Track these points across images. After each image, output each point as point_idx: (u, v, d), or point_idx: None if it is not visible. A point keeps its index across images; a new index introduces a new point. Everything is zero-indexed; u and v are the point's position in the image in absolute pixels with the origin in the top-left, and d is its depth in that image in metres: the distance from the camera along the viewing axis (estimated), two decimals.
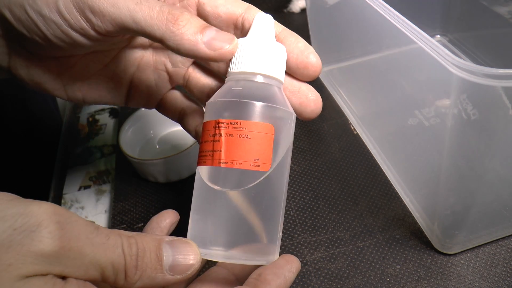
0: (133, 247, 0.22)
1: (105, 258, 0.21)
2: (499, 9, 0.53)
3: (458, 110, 0.28)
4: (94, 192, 0.52)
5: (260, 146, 0.25)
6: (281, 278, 0.25)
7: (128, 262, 0.22)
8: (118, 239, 0.22)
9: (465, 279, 0.36)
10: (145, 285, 0.22)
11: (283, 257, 0.26)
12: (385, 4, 0.35)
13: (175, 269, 0.23)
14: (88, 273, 0.21)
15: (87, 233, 0.21)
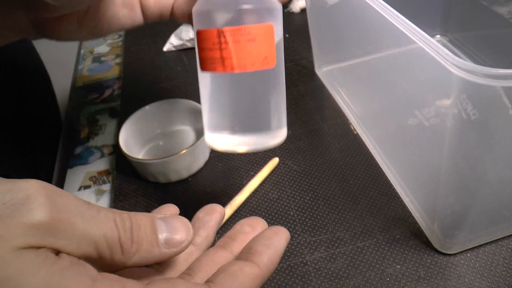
0: (126, 221, 0.22)
1: (97, 231, 0.21)
2: (499, 9, 0.53)
3: (458, 110, 0.28)
4: (94, 192, 0.52)
5: (265, 46, 0.28)
6: (272, 248, 0.24)
7: (122, 235, 0.22)
8: (110, 213, 0.22)
9: (465, 279, 0.36)
10: (142, 259, 0.22)
11: (271, 228, 0.26)
12: (385, 4, 0.35)
13: (170, 243, 0.23)
14: (81, 247, 0.21)
15: (77, 206, 0.21)
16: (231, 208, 0.44)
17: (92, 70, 0.75)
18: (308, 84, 0.61)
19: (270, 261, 0.24)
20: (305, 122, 0.55)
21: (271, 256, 0.24)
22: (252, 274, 0.23)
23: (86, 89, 0.71)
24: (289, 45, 0.71)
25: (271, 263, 0.24)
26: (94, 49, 0.82)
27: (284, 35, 0.73)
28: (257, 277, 0.23)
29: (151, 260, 0.23)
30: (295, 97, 0.59)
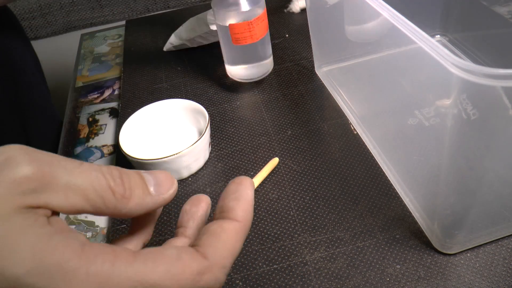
0: (113, 170, 0.22)
1: (82, 180, 0.21)
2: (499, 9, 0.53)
3: (458, 110, 0.28)
4: None
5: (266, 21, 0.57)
6: (241, 199, 0.25)
7: (112, 181, 0.22)
8: (93, 166, 0.22)
9: (465, 279, 0.36)
10: (137, 206, 0.23)
11: (233, 182, 0.26)
12: (385, 4, 0.35)
13: (159, 190, 0.24)
14: (69, 199, 0.20)
15: (59, 161, 0.21)
16: None
17: (92, 70, 0.75)
18: (308, 84, 0.61)
19: (244, 212, 0.24)
20: (305, 122, 0.55)
21: (243, 207, 0.25)
22: (233, 229, 0.24)
23: (86, 89, 0.71)
24: (289, 45, 0.71)
25: (247, 214, 0.24)
26: (94, 49, 0.82)
27: (284, 35, 0.73)
28: (238, 230, 0.24)
29: (145, 207, 0.23)
30: (295, 97, 0.59)
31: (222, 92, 0.62)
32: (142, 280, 0.20)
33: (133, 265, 0.20)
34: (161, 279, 0.20)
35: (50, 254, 0.19)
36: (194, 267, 0.21)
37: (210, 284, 0.22)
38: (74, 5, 1.04)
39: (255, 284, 0.38)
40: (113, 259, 0.20)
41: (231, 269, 0.39)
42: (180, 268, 0.21)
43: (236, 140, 0.54)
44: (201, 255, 0.22)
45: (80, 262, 0.19)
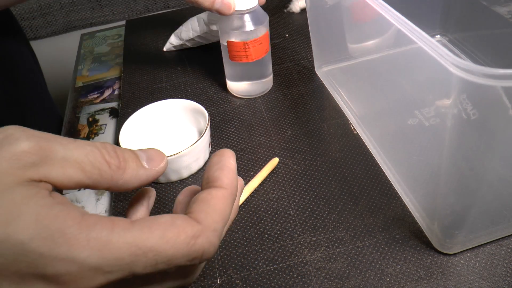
0: (106, 144, 0.24)
1: (78, 154, 0.22)
2: (499, 9, 0.53)
3: (458, 110, 0.28)
4: (94, 192, 0.52)
5: (266, 45, 0.57)
6: (225, 169, 0.26)
7: (106, 154, 0.23)
8: (87, 141, 0.23)
9: (465, 279, 0.36)
10: (132, 177, 0.24)
11: (215, 154, 0.27)
12: (385, 4, 0.35)
13: (151, 162, 0.25)
14: (67, 172, 0.21)
15: (55, 137, 0.22)
16: None
17: (92, 70, 0.75)
18: (308, 84, 0.61)
19: (229, 180, 0.26)
20: (305, 122, 0.55)
21: (228, 175, 0.26)
22: (221, 195, 0.25)
23: (86, 89, 0.71)
24: (289, 45, 0.71)
25: (231, 181, 0.26)
26: (94, 49, 0.82)
27: (284, 35, 0.74)
28: (226, 196, 0.25)
29: (140, 179, 0.24)
30: (295, 97, 0.59)
31: (222, 92, 0.62)
32: (139, 245, 0.21)
33: (131, 231, 0.21)
34: (158, 243, 0.21)
35: (52, 221, 0.20)
36: (188, 231, 0.22)
37: (205, 246, 0.23)
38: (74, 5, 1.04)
39: (255, 284, 0.38)
40: (111, 226, 0.21)
41: (232, 269, 0.39)
42: (175, 232, 0.22)
43: (236, 140, 0.54)
44: (194, 220, 0.23)
45: (81, 229, 0.20)
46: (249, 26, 0.53)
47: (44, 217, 0.20)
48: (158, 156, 0.26)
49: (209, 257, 0.23)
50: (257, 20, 0.54)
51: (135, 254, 0.21)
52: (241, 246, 0.41)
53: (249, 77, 0.59)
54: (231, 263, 0.40)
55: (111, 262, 0.20)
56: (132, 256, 0.21)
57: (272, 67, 0.62)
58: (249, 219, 0.44)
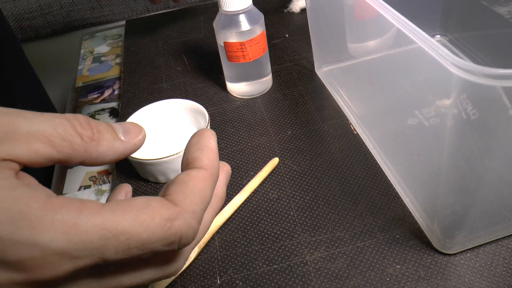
0: (79, 116, 0.22)
1: (44, 126, 0.20)
2: (499, 9, 0.53)
3: (458, 110, 0.28)
4: (94, 192, 0.52)
5: (263, 44, 0.57)
6: (205, 148, 0.25)
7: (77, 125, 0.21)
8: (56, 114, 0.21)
9: (465, 279, 0.36)
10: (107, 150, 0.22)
11: (194, 135, 0.26)
12: (385, 4, 0.35)
13: (128, 135, 0.24)
14: (33, 147, 0.20)
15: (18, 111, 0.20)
16: (232, 208, 0.44)
17: (92, 70, 0.75)
18: (308, 84, 0.61)
19: (209, 160, 0.24)
20: (305, 122, 0.55)
21: (208, 155, 0.25)
22: (201, 175, 0.23)
23: (86, 89, 0.71)
24: (289, 45, 0.71)
25: (212, 161, 0.25)
26: (94, 49, 0.82)
27: (284, 35, 0.74)
28: (206, 177, 0.24)
29: (117, 152, 0.23)
30: (295, 97, 0.59)
31: (222, 92, 0.62)
32: (110, 228, 0.19)
33: (101, 213, 0.20)
34: (130, 226, 0.20)
35: (12, 203, 0.18)
36: (163, 213, 0.21)
37: (182, 230, 0.21)
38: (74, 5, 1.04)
39: (255, 284, 0.38)
40: (79, 208, 0.19)
41: (232, 269, 0.39)
42: (149, 215, 0.20)
43: (236, 140, 0.54)
44: (170, 202, 0.22)
45: (45, 210, 0.18)
46: (245, 26, 0.53)
47: (3, 199, 0.18)
48: (135, 128, 0.25)
49: (188, 241, 0.22)
50: (253, 19, 0.54)
51: (105, 237, 0.19)
52: (241, 246, 0.41)
53: (247, 77, 0.59)
54: (231, 263, 0.40)
55: (78, 246, 0.19)
56: (102, 239, 0.19)
57: (272, 67, 0.62)
58: (249, 219, 0.44)
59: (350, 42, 0.50)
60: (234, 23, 0.53)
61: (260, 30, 0.55)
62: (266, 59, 0.59)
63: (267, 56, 0.59)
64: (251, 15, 0.54)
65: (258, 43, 0.55)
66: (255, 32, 0.54)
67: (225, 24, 0.54)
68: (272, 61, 0.66)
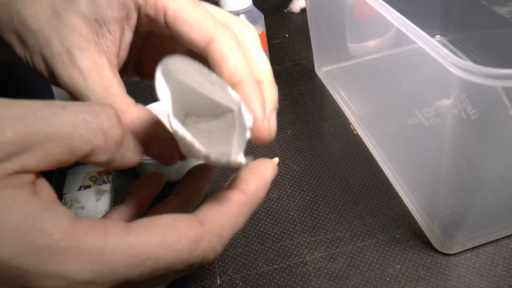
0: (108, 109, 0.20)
1: (63, 127, 0.18)
2: (499, 9, 0.53)
3: (458, 110, 0.28)
4: (94, 192, 0.52)
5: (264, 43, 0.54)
6: (258, 175, 0.24)
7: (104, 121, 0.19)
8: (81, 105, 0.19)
9: (465, 279, 0.36)
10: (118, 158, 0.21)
11: (257, 160, 0.25)
12: (385, 4, 0.35)
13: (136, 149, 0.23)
14: (49, 153, 0.18)
15: (35, 110, 0.18)
16: None
17: None
18: (308, 84, 0.61)
19: (257, 188, 0.23)
20: (305, 122, 0.55)
21: (257, 183, 0.24)
22: (239, 200, 0.22)
23: None
24: (289, 45, 0.71)
25: (258, 190, 0.23)
26: None
27: (284, 35, 0.74)
28: (244, 203, 0.23)
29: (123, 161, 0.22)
30: (295, 97, 0.59)
31: None
32: (136, 254, 0.19)
33: (127, 238, 0.19)
34: (156, 250, 0.19)
35: (37, 236, 0.17)
36: (190, 235, 0.20)
37: (206, 252, 0.21)
38: None
39: (255, 284, 0.38)
40: (104, 234, 0.19)
41: (232, 269, 0.39)
42: (175, 237, 0.20)
43: None
44: (197, 221, 0.21)
45: (70, 242, 0.18)
46: None
47: (27, 231, 0.17)
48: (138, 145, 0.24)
49: (208, 262, 0.21)
50: (253, 19, 0.54)
51: (132, 263, 0.19)
52: (241, 246, 0.41)
53: None
54: (231, 263, 0.40)
55: (104, 274, 0.18)
56: (128, 266, 0.19)
57: (272, 67, 0.62)
58: (249, 219, 0.44)
59: (350, 42, 0.50)
60: None
61: (260, 30, 0.55)
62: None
63: (267, 56, 0.59)
64: (251, 15, 0.54)
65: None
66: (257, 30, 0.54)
67: None
68: (272, 61, 0.66)
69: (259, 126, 0.24)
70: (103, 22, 0.25)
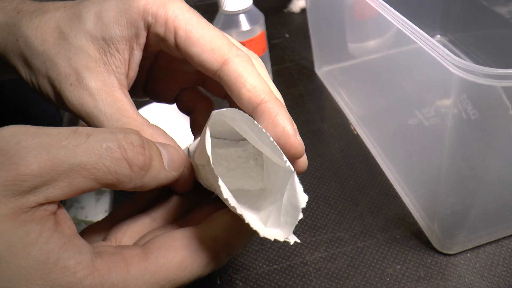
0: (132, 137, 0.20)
1: (88, 158, 0.18)
2: (499, 9, 0.53)
3: (458, 110, 0.28)
4: (94, 192, 0.52)
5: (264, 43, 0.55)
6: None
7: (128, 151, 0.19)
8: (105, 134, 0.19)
9: (465, 279, 0.36)
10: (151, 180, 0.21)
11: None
12: (385, 4, 0.35)
13: (172, 165, 0.22)
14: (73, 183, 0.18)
15: (59, 140, 0.18)
16: None
17: None
18: (308, 84, 0.61)
19: None
20: (305, 122, 0.55)
21: None
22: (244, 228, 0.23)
23: None
24: (289, 45, 0.71)
25: None
26: None
27: (284, 35, 0.74)
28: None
29: (158, 182, 0.21)
30: (295, 97, 0.59)
31: None
32: (158, 280, 0.20)
33: (147, 267, 0.19)
34: (175, 273, 0.20)
35: (61, 275, 0.17)
36: (205, 257, 0.21)
37: (214, 269, 0.22)
38: None
39: (255, 284, 0.38)
40: (126, 267, 0.19)
41: (232, 269, 0.39)
42: (192, 259, 0.21)
43: None
44: (211, 239, 0.22)
45: (94, 280, 0.18)
46: (245, 26, 0.54)
47: (51, 269, 0.17)
48: (178, 158, 0.23)
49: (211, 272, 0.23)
50: (253, 19, 0.54)
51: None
52: None
53: None
54: (231, 263, 0.40)
55: None
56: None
57: (272, 67, 0.62)
58: None
59: (350, 42, 0.50)
60: (234, 23, 0.53)
61: (260, 30, 0.55)
62: (266, 59, 0.59)
63: (267, 56, 0.59)
64: (251, 15, 0.54)
65: (258, 43, 0.55)
66: (255, 32, 0.54)
67: (225, 24, 0.54)
68: (272, 61, 0.66)
69: (293, 143, 0.23)
70: (111, 41, 0.24)
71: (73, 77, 0.24)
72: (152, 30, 0.24)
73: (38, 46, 0.24)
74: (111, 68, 0.24)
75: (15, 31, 0.25)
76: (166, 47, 0.25)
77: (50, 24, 0.25)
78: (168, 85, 0.31)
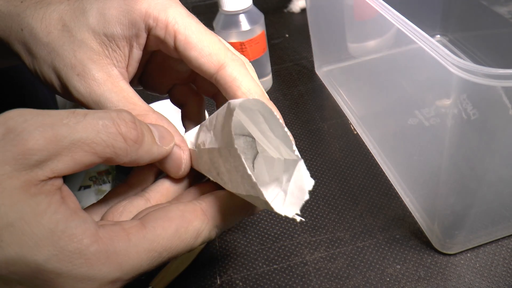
0: (124, 114, 0.22)
1: (87, 134, 0.20)
2: (499, 9, 0.53)
3: (458, 110, 0.28)
4: (94, 192, 0.52)
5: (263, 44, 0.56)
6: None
7: (122, 126, 0.21)
8: (100, 113, 0.21)
9: (465, 279, 0.36)
10: (145, 154, 0.23)
11: None
12: (385, 4, 0.35)
13: (163, 141, 0.24)
14: (76, 158, 0.20)
15: (60, 119, 0.20)
16: None
17: None
18: (308, 84, 0.61)
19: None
20: (305, 122, 0.55)
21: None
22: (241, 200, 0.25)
23: None
24: (289, 45, 0.71)
25: None
26: None
27: (284, 35, 0.74)
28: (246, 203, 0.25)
29: (151, 156, 0.23)
30: (295, 97, 0.59)
31: None
32: (156, 248, 0.21)
33: (146, 236, 0.21)
34: (170, 241, 0.22)
35: (69, 241, 0.19)
36: (196, 225, 0.23)
37: (204, 240, 0.23)
38: None
39: (255, 284, 0.38)
40: (126, 236, 0.20)
41: (232, 269, 0.39)
42: (185, 228, 0.22)
43: None
44: (202, 211, 0.23)
45: (99, 246, 0.19)
46: (245, 26, 0.54)
47: (60, 237, 0.19)
48: (168, 134, 0.25)
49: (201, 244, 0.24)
50: (253, 19, 0.54)
51: (152, 257, 0.21)
52: (241, 246, 0.41)
53: None
54: (231, 263, 0.40)
55: (130, 271, 0.20)
56: (149, 260, 0.21)
57: (272, 67, 0.62)
58: (249, 219, 0.44)
59: (350, 42, 0.50)
60: (234, 23, 0.53)
61: (260, 30, 0.55)
62: (266, 59, 0.59)
63: (267, 56, 0.59)
64: (251, 15, 0.54)
65: (258, 43, 0.55)
66: (255, 32, 0.54)
67: (225, 24, 0.54)
68: (272, 61, 0.66)
69: None
70: (112, 38, 0.26)
71: (79, 68, 0.25)
72: (153, 32, 0.26)
73: (43, 37, 0.25)
74: (113, 62, 0.26)
75: (19, 21, 0.26)
76: (165, 49, 0.27)
77: (54, 16, 0.26)
78: (162, 80, 0.33)
